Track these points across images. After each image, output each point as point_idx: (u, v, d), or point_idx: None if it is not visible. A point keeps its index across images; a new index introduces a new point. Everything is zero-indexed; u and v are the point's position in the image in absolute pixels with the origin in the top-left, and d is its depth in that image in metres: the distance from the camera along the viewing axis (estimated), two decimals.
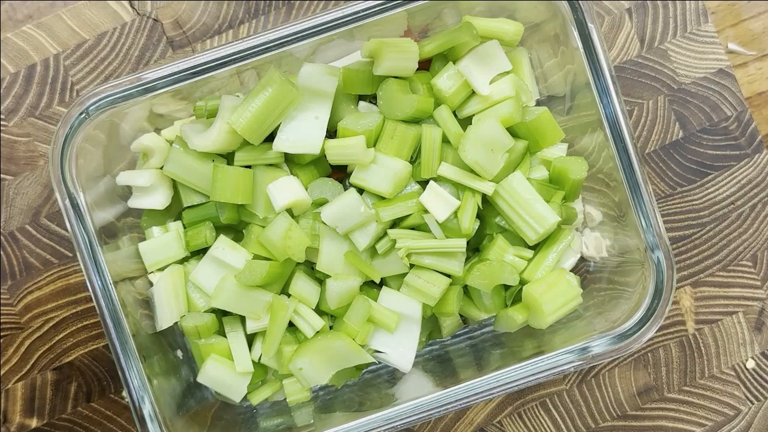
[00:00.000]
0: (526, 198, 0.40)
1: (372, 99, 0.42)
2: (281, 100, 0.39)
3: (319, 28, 0.38)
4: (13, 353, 0.46)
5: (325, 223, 0.40)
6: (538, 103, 0.44)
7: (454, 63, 0.41)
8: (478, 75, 0.40)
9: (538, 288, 0.41)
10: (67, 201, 0.38)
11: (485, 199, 0.41)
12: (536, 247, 0.42)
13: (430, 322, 0.44)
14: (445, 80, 0.41)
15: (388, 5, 0.38)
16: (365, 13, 0.38)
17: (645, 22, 0.47)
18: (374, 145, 0.41)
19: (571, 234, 0.43)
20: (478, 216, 0.41)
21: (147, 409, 0.38)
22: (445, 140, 0.41)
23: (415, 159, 0.42)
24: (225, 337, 0.42)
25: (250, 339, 0.43)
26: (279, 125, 0.40)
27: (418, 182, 0.42)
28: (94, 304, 0.38)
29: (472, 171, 0.40)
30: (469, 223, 0.40)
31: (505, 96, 0.41)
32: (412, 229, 0.41)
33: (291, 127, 0.40)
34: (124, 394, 0.39)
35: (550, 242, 0.42)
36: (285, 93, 0.39)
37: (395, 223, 0.42)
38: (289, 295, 0.42)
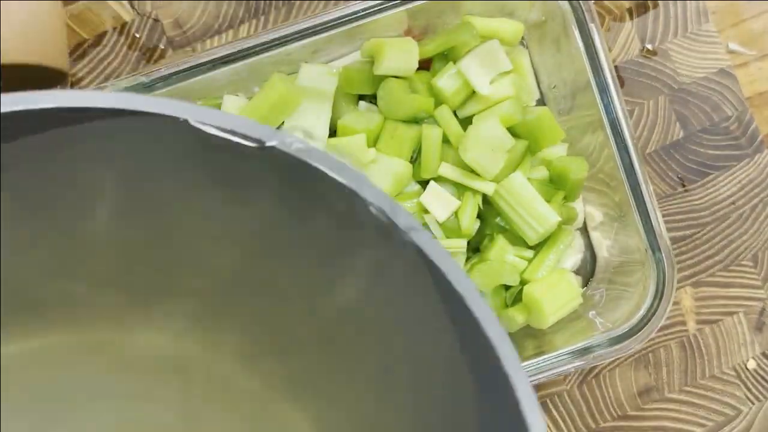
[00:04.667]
0: (526, 198, 0.40)
1: (372, 99, 0.42)
2: (284, 104, 0.39)
3: (320, 28, 0.38)
4: None
5: None
6: (538, 103, 0.44)
7: (454, 63, 0.41)
8: (479, 74, 0.40)
9: (539, 288, 0.41)
10: None
11: (485, 199, 0.41)
12: (537, 247, 0.42)
13: None
14: (446, 80, 0.40)
15: (388, 5, 0.38)
16: (365, 12, 0.39)
17: (645, 22, 0.47)
18: (374, 145, 0.41)
19: (571, 234, 0.43)
20: (479, 216, 0.41)
21: None
22: (446, 140, 0.41)
23: (415, 159, 0.42)
24: None
25: None
26: (281, 126, 0.40)
27: (418, 182, 0.42)
28: None
29: (472, 171, 0.40)
30: (469, 223, 0.40)
31: (506, 95, 0.41)
32: None
33: (293, 129, 0.40)
34: None
35: (551, 242, 0.42)
36: (288, 96, 0.39)
37: None
38: None
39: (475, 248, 0.43)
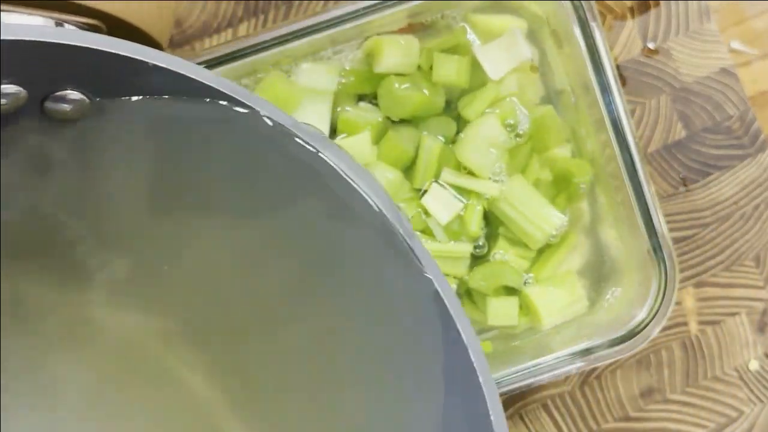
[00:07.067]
0: (529, 200, 0.40)
1: (372, 99, 0.42)
2: (283, 103, 0.38)
3: (319, 27, 0.38)
4: None
5: None
6: (542, 102, 0.44)
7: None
8: (494, 61, 0.40)
9: (537, 291, 0.41)
10: None
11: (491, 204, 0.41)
12: (540, 249, 0.42)
13: None
14: (450, 66, 0.40)
15: (388, 3, 0.38)
16: (366, 10, 0.38)
17: (647, 21, 0.47)
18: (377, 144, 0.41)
19: (575, 235, 0.42)
20: (486, 221, 0.41)
21: None
22: (450, 142, 0.40)
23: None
24: None
25: None
26: None
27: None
28: None
29: (473, 174, 0.40)
30: (476, 225, 0.39)
31: (509, 93, 0.40)
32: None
33: None
34: None
35: (555, 244, 0.42)
36: (287, 96, 0.38)
37: None
38: None
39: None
